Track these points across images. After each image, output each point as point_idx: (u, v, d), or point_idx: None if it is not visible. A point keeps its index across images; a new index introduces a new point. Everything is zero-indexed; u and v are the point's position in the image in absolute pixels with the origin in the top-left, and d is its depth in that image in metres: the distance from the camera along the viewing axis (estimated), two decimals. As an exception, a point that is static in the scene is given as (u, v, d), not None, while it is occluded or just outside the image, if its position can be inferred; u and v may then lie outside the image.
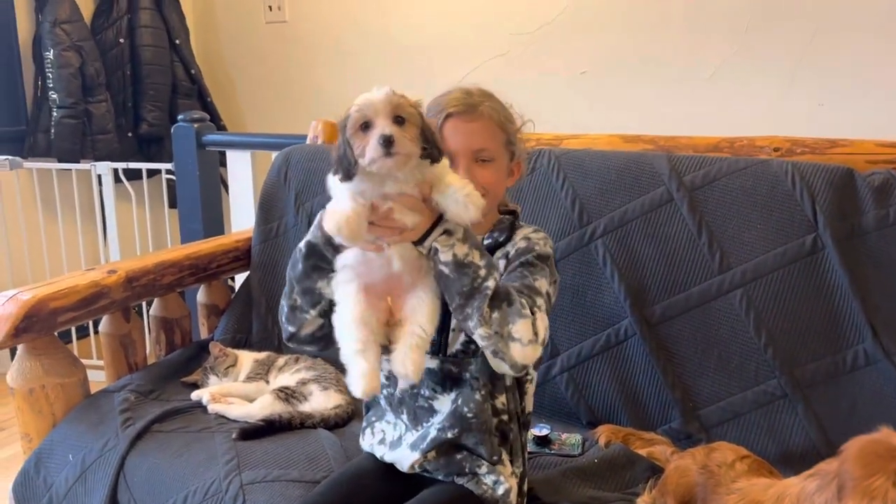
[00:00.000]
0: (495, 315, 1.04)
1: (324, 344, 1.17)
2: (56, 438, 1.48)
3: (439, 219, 1.04)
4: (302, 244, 1.11)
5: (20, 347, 1.51)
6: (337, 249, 1.07)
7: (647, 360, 1.48)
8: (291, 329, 1.16)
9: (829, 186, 1.40)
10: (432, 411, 1.17)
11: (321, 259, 1.09)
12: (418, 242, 1.04)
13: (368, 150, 0.98)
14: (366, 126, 0.99)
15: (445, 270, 1.03)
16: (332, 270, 1.08)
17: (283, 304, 1.17)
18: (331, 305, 1.09)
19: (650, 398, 1.49)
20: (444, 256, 1.03)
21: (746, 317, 1.41)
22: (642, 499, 1.24)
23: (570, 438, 1.45)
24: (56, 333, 1.54)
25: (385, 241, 1.03)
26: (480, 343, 1.06)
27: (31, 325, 1.44)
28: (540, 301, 1.09)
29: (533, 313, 1.06)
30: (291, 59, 3.51)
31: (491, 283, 1.04)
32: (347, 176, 1.01)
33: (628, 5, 2.83)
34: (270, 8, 3.48)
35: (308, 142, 2.07)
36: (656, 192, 1.51)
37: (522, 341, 1.04)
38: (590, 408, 1.53)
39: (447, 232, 1.04)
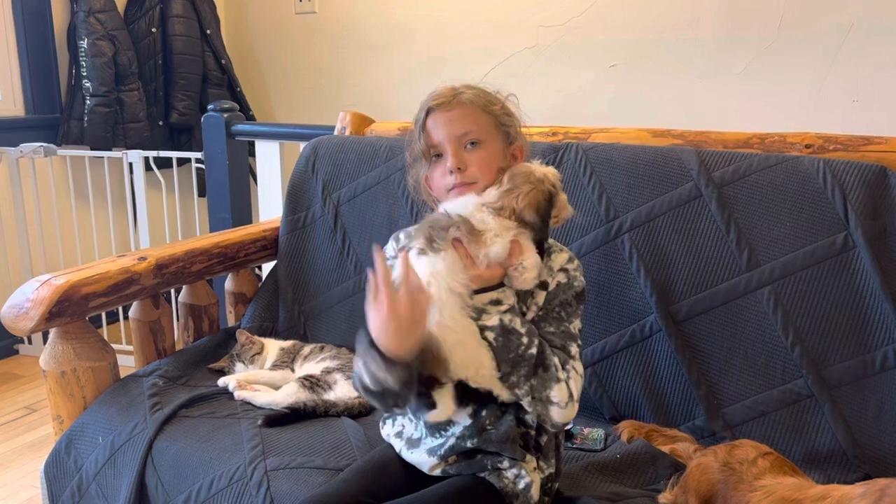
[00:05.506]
0: (533, 382, 1.08)
1: None
2: (86, 421, 1.51)
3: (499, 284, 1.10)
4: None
5: (53, 331, 1.54)
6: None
7: (671, 356, 1.47)
8: None
9: (862, 184, 1.38)
10: (448, 422, 1.16)
11: None
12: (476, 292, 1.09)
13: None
14: None
15: (491, 335, 1.07)
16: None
17: None
18: None
19: (674, 395, 1.48)
20: (491, 321, 1.07)
21: (774, 315, 1.40)
22: (664, 496, 1.24)
23: (593, 433, 1.45)
24: (87, 318, 1.57)
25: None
26: (525, 407, 1.11)
27: (64, 310, 1.47)
28: (573, 349, 1.13)
29: (567, 371, 1.10)
30: (320, 51, 3.53)
31: (533, 351, 1.08)
32: None
33: (660, -2, 2.80)
34: (300, -1, 3.50)
35: (336, 132, 2.08)
36: (685, 188, 1.50)
37: (560, 405, 1.09)
38: (613, 403, 1.53)
39: (497, 301, 1.09)
